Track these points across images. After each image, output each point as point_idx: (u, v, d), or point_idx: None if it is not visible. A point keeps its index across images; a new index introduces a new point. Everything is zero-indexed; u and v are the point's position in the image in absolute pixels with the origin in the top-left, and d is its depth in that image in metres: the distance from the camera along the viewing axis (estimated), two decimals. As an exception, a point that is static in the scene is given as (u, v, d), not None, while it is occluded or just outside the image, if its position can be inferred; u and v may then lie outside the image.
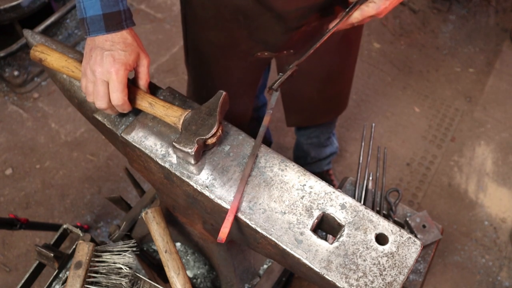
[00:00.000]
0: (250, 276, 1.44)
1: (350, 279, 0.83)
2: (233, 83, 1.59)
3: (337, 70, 1.64)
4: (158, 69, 3.00)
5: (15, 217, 1.86)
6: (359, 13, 1.14)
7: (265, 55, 1.45)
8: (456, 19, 3.34)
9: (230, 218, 0.88)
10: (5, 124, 2.75)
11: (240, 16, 1.32)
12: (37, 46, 1.08)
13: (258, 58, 1.47)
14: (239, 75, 1.57)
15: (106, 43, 0.95)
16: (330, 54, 1.54)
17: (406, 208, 1.60)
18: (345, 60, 1.65)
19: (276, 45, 1.41)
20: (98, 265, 1.24)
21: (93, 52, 0.96)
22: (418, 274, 1.50)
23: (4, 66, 2.85)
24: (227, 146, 0.99)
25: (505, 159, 2.71)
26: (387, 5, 1.12)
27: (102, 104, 0.97)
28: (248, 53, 1.46)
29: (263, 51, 1.44)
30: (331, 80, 1.66)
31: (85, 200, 2.49)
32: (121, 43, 0.96)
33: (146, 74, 1.02)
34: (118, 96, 0.95)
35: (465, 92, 2.99)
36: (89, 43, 0.98)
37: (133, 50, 0.97)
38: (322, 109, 1.80)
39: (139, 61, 1.00)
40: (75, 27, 3.11)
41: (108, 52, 0.94)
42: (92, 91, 0.97)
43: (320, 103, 1.75)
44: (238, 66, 1.53)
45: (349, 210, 0.90)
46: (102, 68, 0.94)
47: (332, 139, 2.29)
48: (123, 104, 0.97)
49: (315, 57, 1.53)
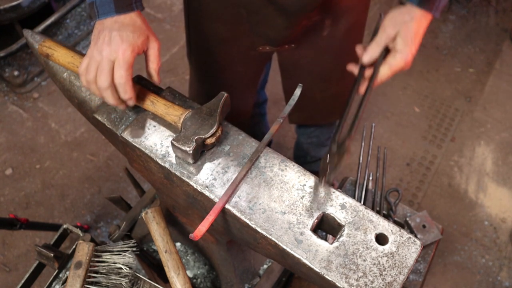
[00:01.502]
0: (250, 276, 1.44)
1: (350, 279, 0.83)
2: (235, 76, 1.59)
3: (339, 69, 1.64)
4: (158, 69, 2.99)
5: (15, 217, 1.86)
6: (387, 69, 1.06)
7: (266, 49, 1.45)
8: (456, 19, 3.34)
9: (210, 217, 0.88)
10: (5, 124, 2.75)
11: (242, 9, 1.32)
12: (45, 42, 1.09)
13: (260, 52, 1.47)
14: (241, 68, 1.58)
15: (115, 24, 0.94)
16: (333, 54, 1.54)
17: (406, 208, 1.60)
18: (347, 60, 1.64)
19: (278, 39, 1.41)
20: (98, 265, 1.24)
21: (101, 34, 0.95)
22: (418, 274, 1.50)
23: (4, 66, 2.85)
24: (227, 146, 0.99)
25: (505, 159, 2.71)
26: (413, 51, 1.03)
27: (104, 82, 0.94)
28: (250, 47, 1.46)
29: (265, 45, 1.44)
30: (333, 79, 1.66)
31: (85, 200, 2.49)
32: (130, 25, 0.95)
33: (157, 57, 1.00)
34: (122, 74, 0.93)
35: (465, 92, 2.99)
36: (98, 27, 0.97)
37: (142, 33, 0.96)
38: (323, 108, 1.80)
39: (148, 44, 0.99)
40: (75, 27, 3.11)
41: (116, 33, 0.93)
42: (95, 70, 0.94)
43: (321, 102, 1.74)
44: (240, 60, 1.53)
45: (349, 210, 0.90)
46: (110, 48, 0.93)
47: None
48: (125, 84, 0.94)
49: (317, 56, 1.53)
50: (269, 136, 0.99)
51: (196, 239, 0.85)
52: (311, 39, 1.44)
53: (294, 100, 1.04)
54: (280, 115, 1.02)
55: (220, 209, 0.90)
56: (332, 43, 1.48)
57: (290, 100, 1.04)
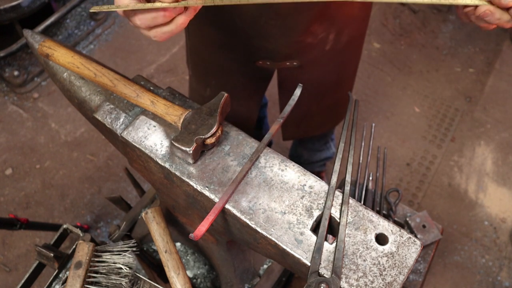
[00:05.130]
0: (250, 276, 1.44)
1: (350, 279, 0.83)
2: (237, 85, 1.55)
3: (336, 80, 1.59)
4: (158, 69, 3.00)
5: (15, 217, 1.86)
6: None
7: (267, 64, 1.40)
8: (456, 19, 3.34)
9: (210, 217, 0.88)
10: (5, 124, 2.75)
11: (236, 19, 1.28)
12: (45, 42, 1.09)
13: (261, 67, 1.42)
14: (242, 80, 1.53)
15: None
16: (333, 67, 1.50)
17: (406, 208, 1.60)
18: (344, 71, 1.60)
19: (277, 53, 1.36)
20: (98, 265, 1.24)
21: None
22: (418, 274, 1.50)
23: (4, 66, 2.85)
24: (227, 146, 0.99)
25: (505, 159, 2.71)
26: None
27: None
28: (248, 59, 1.41)
29: (265, 59, 1.39)
30: (330, 90, 1.61)
31: (85, 200, 2.49)
32: None
33: None
34: None
35: (465, 92, 2.99)
36: None
37: None
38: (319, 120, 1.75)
39: None
40: (75, 27, 3.11)
41: None
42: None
43: (317, 114, 1.69)
44: (241, 71, 1.49)
45: (349, 210, 0.90)
46: None
47: (329, 144, 2.26)
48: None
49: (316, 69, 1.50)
50: (269, 136, 0.99)
51: (196, 239, 0.85)
52: (314, 55, 1.39)
53: (294, 100, 1.04)
54: (280, 115, 1.02)
55: (220, 209, 0.90)
56: (333, 56, 1.43)
57: (290, 100, 1.04)
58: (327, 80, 1.56)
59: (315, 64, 1.43)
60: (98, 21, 3.14)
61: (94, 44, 3.11)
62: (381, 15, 3.33)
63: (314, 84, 1.53)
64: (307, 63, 1.41)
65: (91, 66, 1.06)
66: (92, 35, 3.13)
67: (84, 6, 3.17)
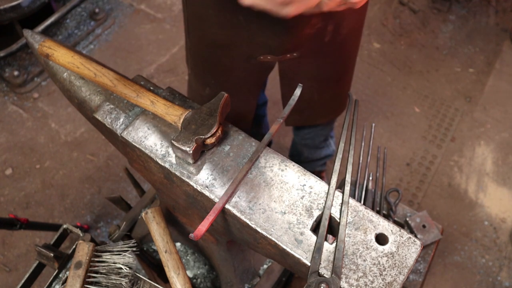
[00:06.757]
0: (250, 276, 1.44)
1: (350, 279, 0.83)
2: (236, 82, 1.58)
3: (337, 72, 1.64)
4: (158, 69, 3.00)
5: (15, 217, 1.86)
6: None
7: (268, 58, 1.43)
8: (456, 19, 3.34)
9: (210, 217, 0.88)
10: (5, 124, 2.75)
11: (240, 16, 1.31)
12: (45, 42, 1.09)
13: (262, 61, 1.45)
14: (242, 75, 1.56)
15: None
16: (333, 57, 1.53)
17: (406, 208, 1.60)
18: (345, 63, 1.64)
19: (278, 48, 1.39)
20: (98, 265, 1.24)
21: None
22: (418, 274, 1.50)
23: (4, 66, 2.85)
24: (227, 146, 0.99)
25: (505, 159, 2.71)
26: None
27: None
28: (250, 56, 1.44)
29: (266, 54, 1.42)
30: (331, 82, 1.65)
31: (85, 200, 2.49)
32: None
33: None
34: None
35: (465, 92, 2.99)
36: None
37: None
38: (321, 110, 1.80)
39: None
40: (75, 27, 3.11)
41: None
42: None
43: (319, 104, 1.74)
44: (241, 67, 1.51)
45: (349, 210, 0.90)
46: None
47: (329, 141, 2.28)
48: None
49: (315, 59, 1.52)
50: (269, 136, 0.99)
51: (196, 239, 0.85)
52: (313, 46, 1.42)
53: (294, 100, 1.04)
54: (280, 115, 1.02)
55: (220, 209, 0.90)
56: (333, 47, 1.46)
57: (290, 100, 1.04)
58: (328, 70, 1.59)
59: (315, 55, 1.46)
60: (98, 21, 3.14)
61: (94, 44, 3.11)
62: (381, 15, 3.33)
63: (315, 73, 1.56)
64: (307, 54, 1.44)
65: (91, 66, 1.06)
66: (92, 35, 3.13)
67: (84, 6, 3.17)
